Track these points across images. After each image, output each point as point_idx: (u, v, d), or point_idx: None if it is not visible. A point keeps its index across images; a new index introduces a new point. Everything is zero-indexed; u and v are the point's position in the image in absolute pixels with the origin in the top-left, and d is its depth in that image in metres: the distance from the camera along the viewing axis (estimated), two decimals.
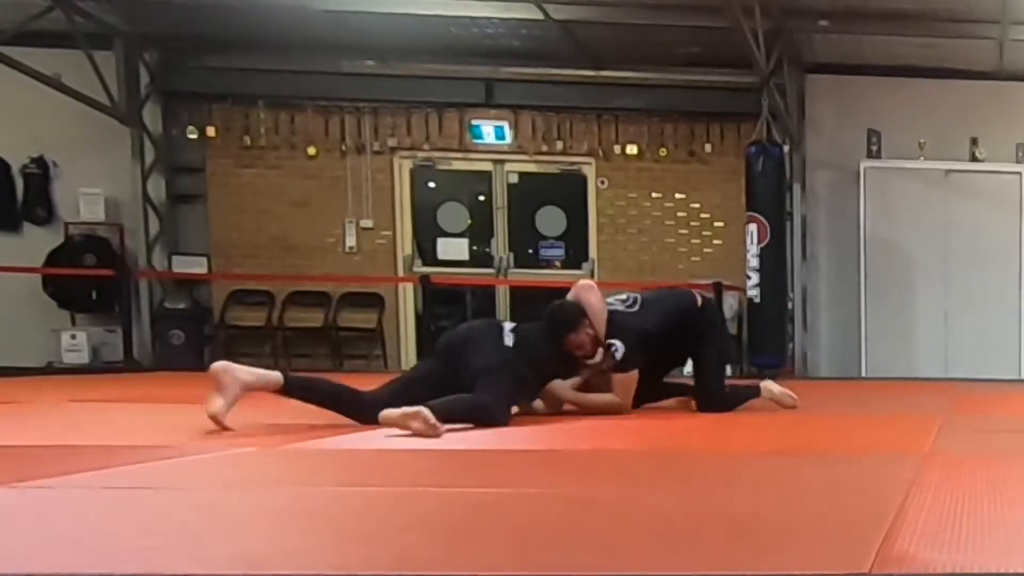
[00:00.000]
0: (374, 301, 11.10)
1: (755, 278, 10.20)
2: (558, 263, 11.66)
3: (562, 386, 4.82)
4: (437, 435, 3.77)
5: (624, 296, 5.26)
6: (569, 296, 4.92)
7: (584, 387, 4.91)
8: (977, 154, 11.00)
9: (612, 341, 4.79)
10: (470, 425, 4.10)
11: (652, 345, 4.98)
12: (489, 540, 2.04)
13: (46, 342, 10.51)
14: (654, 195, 11.46)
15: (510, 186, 11.58)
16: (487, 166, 11.56)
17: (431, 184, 11.64)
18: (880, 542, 1.96)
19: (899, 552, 1.90)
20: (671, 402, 5.47)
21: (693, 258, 11.51)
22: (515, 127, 11.36)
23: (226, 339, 11.13)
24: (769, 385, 5.60)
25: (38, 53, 9.54)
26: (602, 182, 11.46)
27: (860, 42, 10.36)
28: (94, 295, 10.69)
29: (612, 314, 4.90)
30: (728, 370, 6.49)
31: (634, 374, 4.92)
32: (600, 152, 11.37)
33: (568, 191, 11.56)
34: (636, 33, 10.08)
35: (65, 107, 10.02)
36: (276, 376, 4.08)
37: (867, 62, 10.87)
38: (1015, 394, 7.53)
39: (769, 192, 10.21)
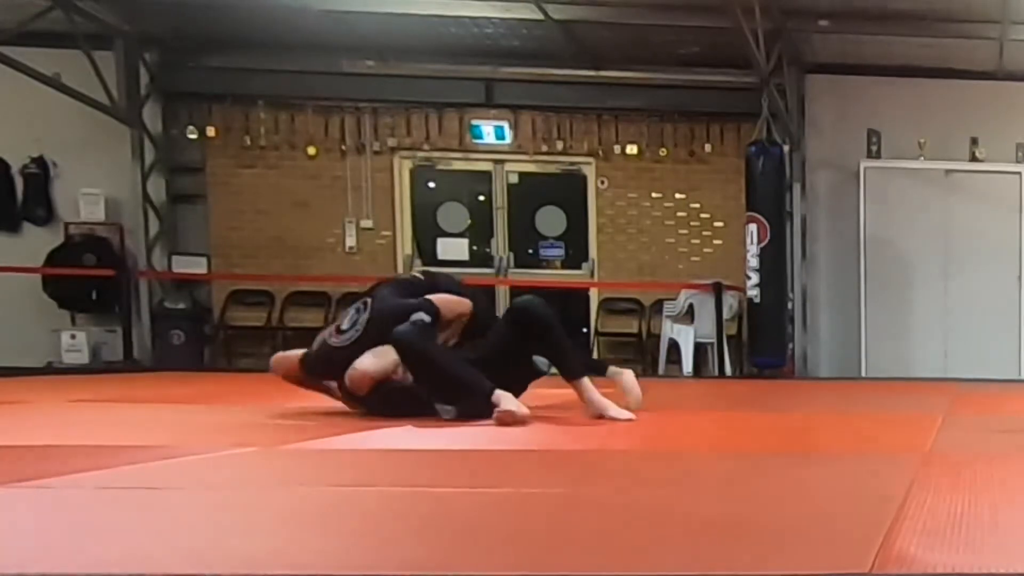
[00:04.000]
0: None
1: (755, 278, 10.20)
2: (558, 263, 11.67)
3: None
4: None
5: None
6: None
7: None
8: (977, 154, 11.00)
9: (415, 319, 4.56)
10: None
11: (418, 292, 4.72)
12: (489, 540, 2.04)
13: (46, 342, 10.51)
14: (654, 195, 11.46)
15: (510, 186, 11.58)
16: (487, 166, 11.56)
17: (431, 184, 11.64)
18: (880, 542, 1.96)
19: (899, 552, 1.90)
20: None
21: (693, 258, 11.51)
22: (515, 127, 11.36)
23: (226, 339, 11.14)
24: (625, 376, 5.04)
25: (38, 53, 9.55)
26: (602, 182, 11.46)
27: (860, 42, 10.36)
28: (94, 295, 10.69)
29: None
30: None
31: (447, 298, 4.68)
32: (600, 152, 11.38)
33: (568, 191, 11.57)
34: (636, 33, 10.08)
35: (65, 107, 10.02)
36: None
37: (867, 62, 10.87)
38: (1015, 394, 7.53)
39: (769, 192, 10.21)
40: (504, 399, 4.28)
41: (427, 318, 4.43)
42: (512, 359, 4.53)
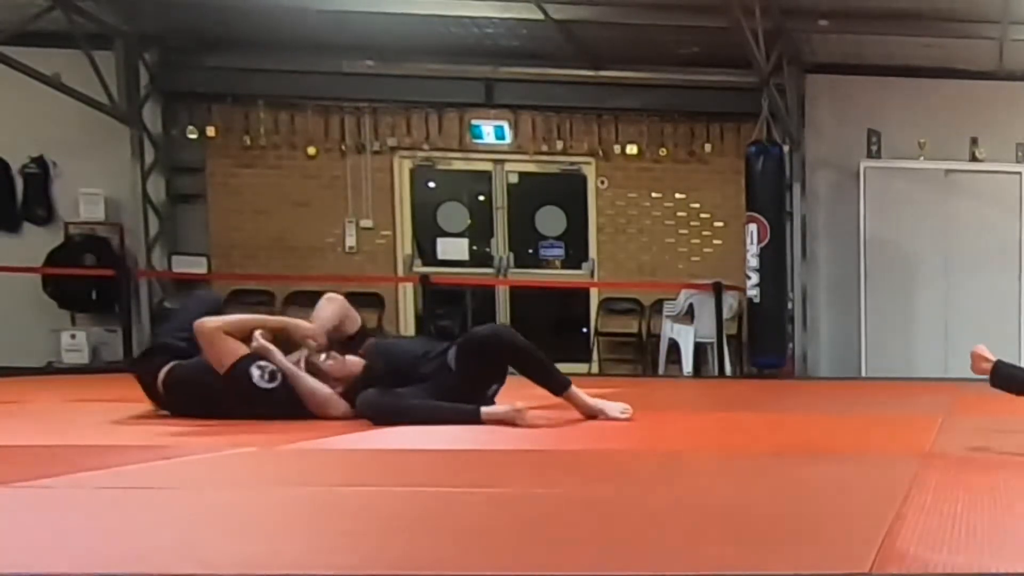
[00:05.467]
0: (374, 301, 11.10)
1: (755, 278, 10.19)
2: (558, 263, 11.66)
3: None
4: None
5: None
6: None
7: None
8: (977, 154, 10.99)
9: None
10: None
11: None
12: (489, 540, 2.04)
13: (46, 342, 10.51)
14: (654, 195, 11.46)
15: (510, 186, 11.58)
16: (487, 166, 11.56)
17: (431, 184, 11.64)
18: (880, 542, 1.96)
19: (899, 552, 1.90)
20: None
21: (693, 258, 11.51)
22: (515, 127, 11.35)
23: None
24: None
25: (38, 53, 9.53)
26: (602, 182, 11.46)
27: (860, 42, 10.36)
28: (94, 295, 10.68)
29: None
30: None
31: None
32: (600, 152, 11.37)
33: (568, 191, 11.56)
34: (636, 33, 10.07)
35: (65, 107, 10.01)
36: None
37: (867, 62, 10.87)
38: None
39: (769, 192, 10.21)
40: (493, 414, 4.28)
41: (265, 365, 4.42)
42: (474, 393, 4.45)
